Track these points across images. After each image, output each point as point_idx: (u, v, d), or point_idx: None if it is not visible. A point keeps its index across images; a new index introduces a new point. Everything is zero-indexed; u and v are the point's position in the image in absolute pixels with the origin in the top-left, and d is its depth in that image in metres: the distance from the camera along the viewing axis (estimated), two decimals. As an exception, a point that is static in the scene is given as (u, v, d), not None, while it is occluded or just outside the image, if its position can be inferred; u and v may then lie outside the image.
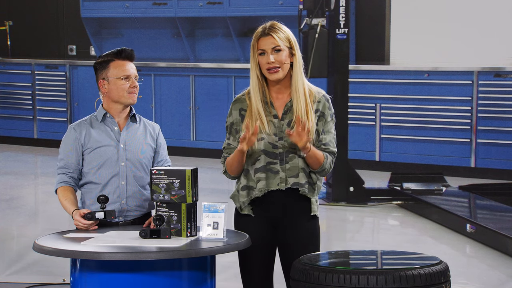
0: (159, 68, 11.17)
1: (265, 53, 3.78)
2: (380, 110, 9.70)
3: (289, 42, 3.80)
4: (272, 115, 3.83)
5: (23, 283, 6.83)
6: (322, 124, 3.83)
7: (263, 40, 3.79)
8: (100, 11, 11.76)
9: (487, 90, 9.32)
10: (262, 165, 3.80)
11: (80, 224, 3.94)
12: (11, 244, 7.85)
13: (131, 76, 4.13)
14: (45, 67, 12.03)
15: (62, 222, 4.31)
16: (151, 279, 3.55)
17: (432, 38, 9.70)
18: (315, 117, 3.81)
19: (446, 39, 9.64)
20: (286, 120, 3.80)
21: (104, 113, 4.17)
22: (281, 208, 3.83)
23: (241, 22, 10.92)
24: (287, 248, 3.87)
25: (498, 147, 9.19)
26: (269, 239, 3.88)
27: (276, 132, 3.81)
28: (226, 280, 5.69)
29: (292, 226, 3.87)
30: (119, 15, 11.61)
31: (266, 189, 3.80)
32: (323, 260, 3.63)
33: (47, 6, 12.29)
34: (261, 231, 3.86)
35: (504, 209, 8.00)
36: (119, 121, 4.20)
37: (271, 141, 3.80)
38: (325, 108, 3.84)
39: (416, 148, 9.57)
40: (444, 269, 3.47)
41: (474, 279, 6.47)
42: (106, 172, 4.12)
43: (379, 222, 8.25)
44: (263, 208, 3.85)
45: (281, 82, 3.83)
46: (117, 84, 4.13)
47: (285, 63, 3.78)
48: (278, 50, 3.78)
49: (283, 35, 3.79)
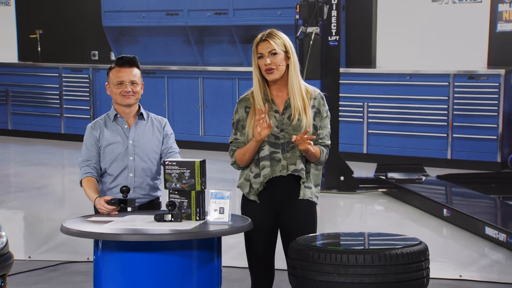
0: (171, 71, 11.16)
1: (263, 56, 3.81)
2: (367, 108, 9.69)
3: (285, 46, 3.81)
4: (274, 111, 3.85)
5: (52, 260, 6.84)
6: (319, 119, 3.84)
7: (261, 45, 3.82)
8: (120, 21, 11.76)
9: (461, 91, 9.30)
10: (266, 154, 3.82)
11: (103, 209, 3.96)
12: (41, 226, 7.86)
13: (125, 82, 4.15)
14: (71, 70, 12.02)
15: (86, 207, 4.31)
16: (164, 258, 3.56)
17: (414, 45, 9.69)
18: (312, 113, 3.82)
19: (426, 46, 9.63)
20: (286, 114, 3.83)
21: (115, 114, 4.20)
22: (282, 194, 3.84)
23: (244, 30, 10.91)
24: (287, 230, 3.88)
25: (471, 141, 9.18)
26: (271, 223, 3.89)
27: (278, 125, 3.83)
28: (230, 259, 5.70)
29: (291, 210, 3.87)
30: (136, 24, 11.61)
31: (271, 175, 3.82)
32: (317, 241, 3.63)
33: (73, 16, 12.29)
34: (265, 215, 3.87)
35: (477, 196, 8.00)
36: (128, 119, 4.22)
37: (274, 133, 3.82)
38: (320, 105, 3.86)
39: (399, 142, 9.57)
40: (423, 249, 3.47)
41: (450, 257, 6.47)
42: (117, 166, 4.16)
43: (367, 207, 8.25)
44: (267, 195, 3.86)
45: (279, 82, 3.84)
46: (114, 89, 4.19)
47: (280, 65, 3.80)
48: (274, 54, 3.80)
49: (279, 41, 3.81)
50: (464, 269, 6.29)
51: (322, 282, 3.33)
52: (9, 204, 8.56)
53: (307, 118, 3.78)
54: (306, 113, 3.78)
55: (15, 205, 8.53)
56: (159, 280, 3.54)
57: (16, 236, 7.07)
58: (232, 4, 10.78)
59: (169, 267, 3.54)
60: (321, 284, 3.34)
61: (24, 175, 10.04)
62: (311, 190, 3.88)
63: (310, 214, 3.90)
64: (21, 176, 10.16)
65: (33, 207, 8.37)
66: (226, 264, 4.05)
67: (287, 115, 3.83)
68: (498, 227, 6.58)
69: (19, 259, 6.15)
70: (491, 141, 9.08)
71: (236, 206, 3.96)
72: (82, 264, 6.68)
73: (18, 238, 7.30)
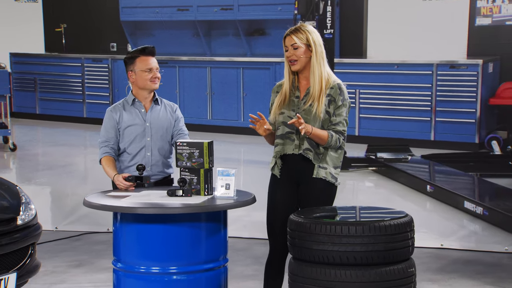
0: (182, 61, 11.13)
1: (287, 49, 3.85)
2: (359, 94, 9.67)
3: (307, 40, 3.85)
4: (295, 96, 3.87)
5: (76, 231, 6.86)
6: (333, 107, 3.85)
7: (287, 39, 3.92)
8: (136, 16, 11.73)
9: (443, 79, 9.28)
10: (281, 133, 3.85)
11: (121, 185, 3.95)
12: (66, 200, 7.88)
13: (153, 69, 4.16)
14: (92, 60, 12.00)
15: (106, 183, 4.30)
16: (176, 229, 3.56)
17: (401, 37, 9.66)
18: (326, 101, 3.82)
19: (412, 39, 9.60)
20: (303, 100, 3.83)
21: (133, 99, 4.20)
22: (299, 170, 3.84)
23: (248, 24, 10.87)
24: (303, 204, 3.87)
25: (452, 124, 9.17)
26: (291, 194, 3.88)
27: (294, 108, 3.84)
28: (236, 230, 5.70)
29: (307, 187, 3.87)
30: (150, 19, 11.57)
31: (281, 152, 3.83)
32: (314, 213, 3.62)
33: (94, 12, 12.26)
34: (284, 188, 3.88)
35: (457, 173, 7.99)
36: (145, 104, 4.22)
37: (290, 115, 3.84)
38: (336, 94, 3.86)
39: (387, 125, 9.56)
40: (409, 221, 3.47)
41: (433, 228, 6.47)
42: (136, 146, 4.15)
43: (358, 184, 8.25)
44: (287, 170, 3.87)
45: (305, 71, 3.90)
46: (142, 75, 4.16)
47: (301, 57, 3.84)
48: (295, 48, 3.84)
49: (302, 36, 3.88)
50: (445, 239, 6.28)
51: (318, 250, 3.33)
52: (38, 180, 8.57)
53: (319, 104, 3.79)
54: (319, 101, 3.80)
55: (43, 182, 8.55)
56: (171, 248, 3.54)
57: (44, 209, 7.09)
58: (237, 1, 10.74)
59: (181, 237, 3.54)
60: (317, 253, 3.34)
61: (51, 155, 10.06)
62: (326, 170, 3.84)
63: (324, 191, 3.86)
64: (48, 155, 10.17)
65: (59, 183, 8.38)
66: (232, 235, 4.05)
67: (304, 100, 3.85)
68: (476, 201, 6.58)
69: (46, 229, 6.16)
70: (470, 124, 9.07)
71: (241, 183, 3.95)
72: (103, 234, 6.69)
73: (45, 211, 7.32)
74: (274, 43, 10.18)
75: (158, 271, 3.55)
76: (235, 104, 10.43)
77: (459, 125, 9.10)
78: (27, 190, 5.30)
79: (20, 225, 4.67)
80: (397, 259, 3.38)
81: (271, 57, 10.08)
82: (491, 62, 9.22)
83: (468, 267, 5.58)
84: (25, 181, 8.28)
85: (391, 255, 3.34)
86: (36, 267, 4.83)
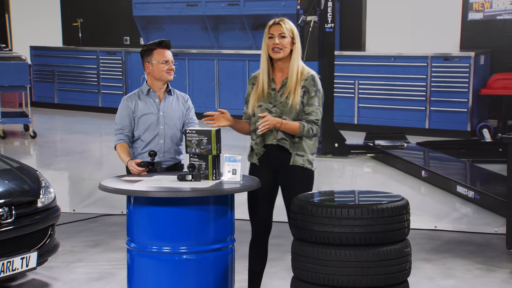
0: (191, 54, 11.12)
1: (273, 36, 3.77)
2: (358, 85, 9.65)
3: (292, 33, 3.78)
4: (272, 88, 3.82)
5: (92, 213, 6.87)
6: (307, 98, 3.79)
7: (273, 27, 3.79)
8: (148, 11, 11.71)
9: (438, 71, 9.25)
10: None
11: (134, 170, 3.95)
12: (83, 184, 7.89)
13: (169, 61, 4.15)
14: (107, 53, 11.99)
15: (120, 168, 4.30)
16: (186, 211, 3.56)
17: (398, 31, 9.63)
18: (301, 92, 3.78)
19: (408, 32, 9.57)
20: (280, 92, 3.79)
21: (148, 89, 4.19)
22: (277, 158, 3.82)
23: (253, 19, 10.84)
24: (284, 190, 3.87)
25: (446, 113, 9.15)
26: (271, 181, 3.87)
27: (272, 101, 3.80)
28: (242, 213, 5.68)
29: (285, 174, 3.85)
30: (161, 14, 11.55)
31: (263, 143, 3.81)
32: (315, 197, 3.62)
33: (108, 7, 12.24)
34: (264, 174, 3.85)
35: (450, 159, 7.98)
36: (159, 94, 4.21)
37: (267, 108, 3.79)
38: (310, 85, 3.80)
39: (385, 114, 9.54)
40: (405, 204, 3.46)
41: (427, 211, 6.47)
42: (150, 134, 4.15)
43: (357, 169, 8.24)
44: (266, 159, 3.85)
45: (281, 64, 3.81)
46: (159, 67, 4.14)
47: (286, 47, 3.77)
48: (283, 36, 3.77)
49: (289, 27, 3.79)
50: (438, 221, 6.28)
51: (319, 232, 3.33)
52: (56, 166, 8.58)
53: (295, 96, 3.74)
54: (295, 93, 3.75)
55: (61, 167, 8.56)
56: (182, 230, 3.54)
57: (62, 192, 7.10)
58: (243, -3, 10.71)
59: (190, 219, 3.54)
60: (318, 234, 3.34)
61: (68, 142, 10.07)
62: (304, 157, 3.82)
63: (302, 177, 3.85)
64: (66, 142, 10.18)
65: (76, 168, 8.39)
66: (238, 217, 4.04)
67: (280, 92, 3.80)
68: (468, 185, 6.57)
69: (65, 211, 6.17)
70: (462, 113, 9.04)
71: (247, 168, 3.95)
72: (117, 216, 6.71)
73: (64, 194, 7.33)
74: (278, 37, 10.16)
75: (169, 251, 3.55)
76: (241, 94, 10.37)
77: (452, 114, 9.08)
78: (46, 174, 5.31)
79: (40, 207, 4.69)
80: (394, 240, 3.38)
81: (275, 50, 10.05)
82: (483, 55, 9.19)
83: (460, 247, 5.58)
84: (44, 167, 8.29)
85: (388, 236, 3.34)
86: (55, 246, 4.85)
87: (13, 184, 4.63)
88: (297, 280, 3.46)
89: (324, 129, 8.02)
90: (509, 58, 9.22)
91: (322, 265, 3.32)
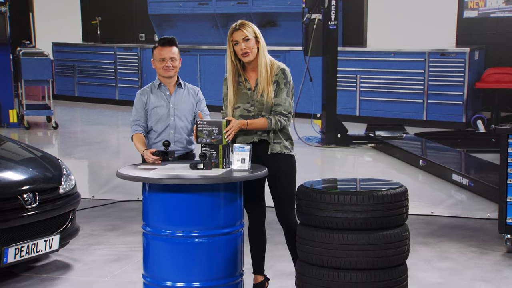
0: (203, 49, 11.10)
1: (238, 43, 3.74)
2: (360, 79, 9.60)
3: (255, 33, 3.77)
4: (247, 88, 3.81)
5: (110, 199, 6.90)
6: (277, 90, 3.79)
7: (236, 34, 3.74)
8: (162, 9, 11.69)
9: (435, 65, 9.20)
10: None
11: (150, 159, 3.96)
12: (101, 172, 7.91)
13: (166, 58, 4.15)
14: (124, 49, 11.98)
15: (136, 157, 4.31)
16: (197, 197, 3.56)
17: (398, 28, 9.57)
18: (274, 87, 3.77)
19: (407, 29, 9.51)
20: (255, 91, 3.79)
21: (159, 83, 4.22)
22: (260, 149, 3.83)
23: (261, 16, 10.80)
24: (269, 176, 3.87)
25: (442, 105, 9.10)
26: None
27: (249, 100, 3.79)
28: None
29: (269, 162, 3.86)
30: (175, 12, 11.53)
31: (244, 142, 3.82)
32: (319, 185, 3.61)
33: (125, 6, 12.22)
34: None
35: (446, 149, 7.95)
36: (169, 87, 4.23)
37: (246, 108, 3.79)
38: (280, 78, 3.79)
39: (385, 106, 9.50)
40: (404, 191, 3.45)
41: (424, 198, 6.46)
42: (161, 125, 4.17)
43: (358, 159, 8.23)
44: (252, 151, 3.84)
45: (253, 64, 3.80)
46: (157, 64, 4.19)
47: (252, 48, 3.75)
48: (247, 40, 3.74)
49: (250, 29, 3.76)
50: (435, 207, 6.27)
51: (323, 217, 3.33)
52: (77, 155, 8.61)
53: (269, 93, 3.73)
54: (268, 90, 3.73)
55: (81, 156, 8.58)
56: (194, 215, 3.54)
57: (82, 180, 7.13)
58: (251, -5, 10.67)
59: (202, 204, 3.55)
60: (322, 219, 3.33)
61: (88, 132, 10.09)
62: (281, 144, 3.82)
63: (283, 162, 3.85)
64: (85, 133, 10.20)
65: (95, 157, 8.41)
66: (247, 202, 4.04)
67: (255, 92, 3.79)
68: (463, 173, 6.54)
69: (84, 198, 6.19)
70: (457, 105, 8.99)
71: (255, 157, 3.94)
72: (133, 202, 6.73)
73: (83, 182, 7.35)
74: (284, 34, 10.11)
75: (182, 235, 3.56)
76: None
77: (448, 107, 9.03)
78: (67, 163, 5.31)
79: (62, 193, 4.71)
80: (393, 224, 3.37)
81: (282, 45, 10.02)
82: (477, 50, 9.13)
83: (455, 231, 5.57)
84: (66, 155, 8.32)
85: (388, 221, 3.34)
86: (76, 230, 4.87)
87: (37, 172, 4.65)
88: (303, 262, 3.46)
89: (327, 121, 8.00)
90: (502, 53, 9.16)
91: (325, 248, 3.33)
